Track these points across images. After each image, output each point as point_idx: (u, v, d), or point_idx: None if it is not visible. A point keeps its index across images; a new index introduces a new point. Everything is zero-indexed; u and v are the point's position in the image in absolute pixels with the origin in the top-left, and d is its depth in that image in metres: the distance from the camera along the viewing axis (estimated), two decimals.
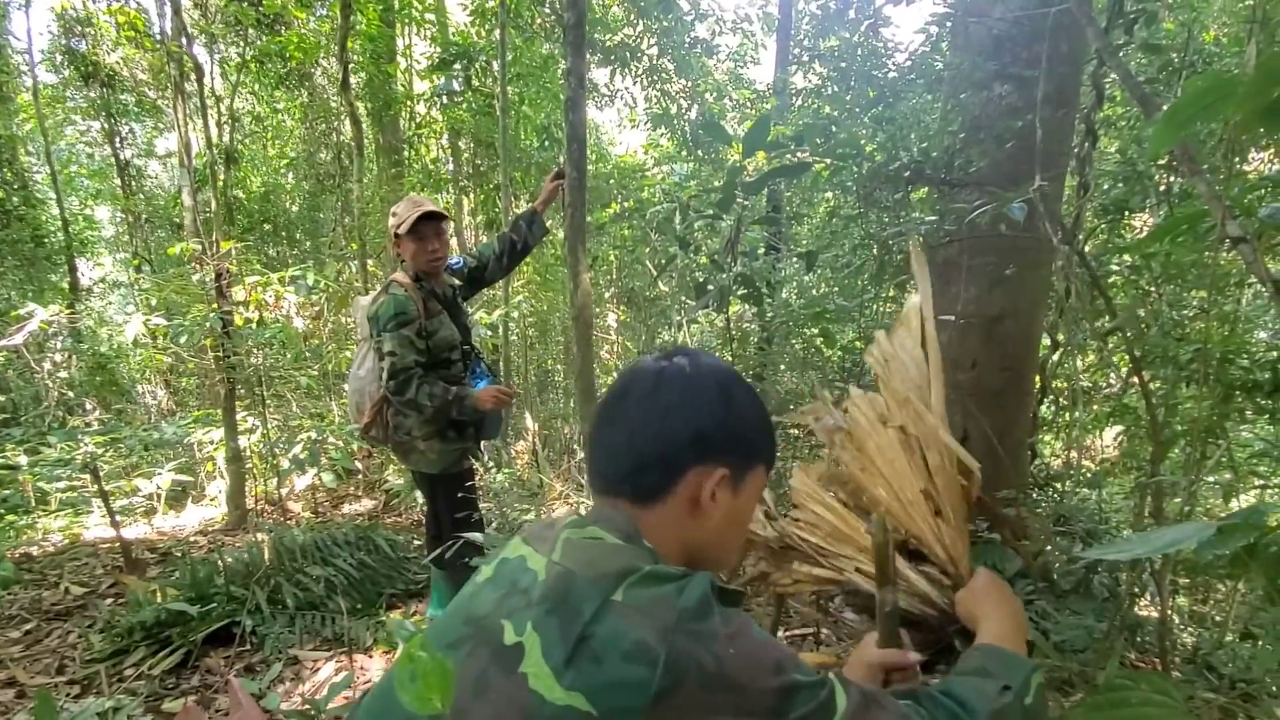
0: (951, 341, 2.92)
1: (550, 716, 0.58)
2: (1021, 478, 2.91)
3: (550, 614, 0.62)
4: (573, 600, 0.62)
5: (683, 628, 0.60)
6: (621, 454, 0.75)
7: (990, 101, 2.84)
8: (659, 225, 3.38)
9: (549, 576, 0.66)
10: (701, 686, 0.58)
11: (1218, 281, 2.81)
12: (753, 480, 0.79)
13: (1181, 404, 2.66)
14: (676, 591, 0.63)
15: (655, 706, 0.57)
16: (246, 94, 7.63)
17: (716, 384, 0.76)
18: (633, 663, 0.58)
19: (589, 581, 0.64)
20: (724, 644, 0.60)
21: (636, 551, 0.69)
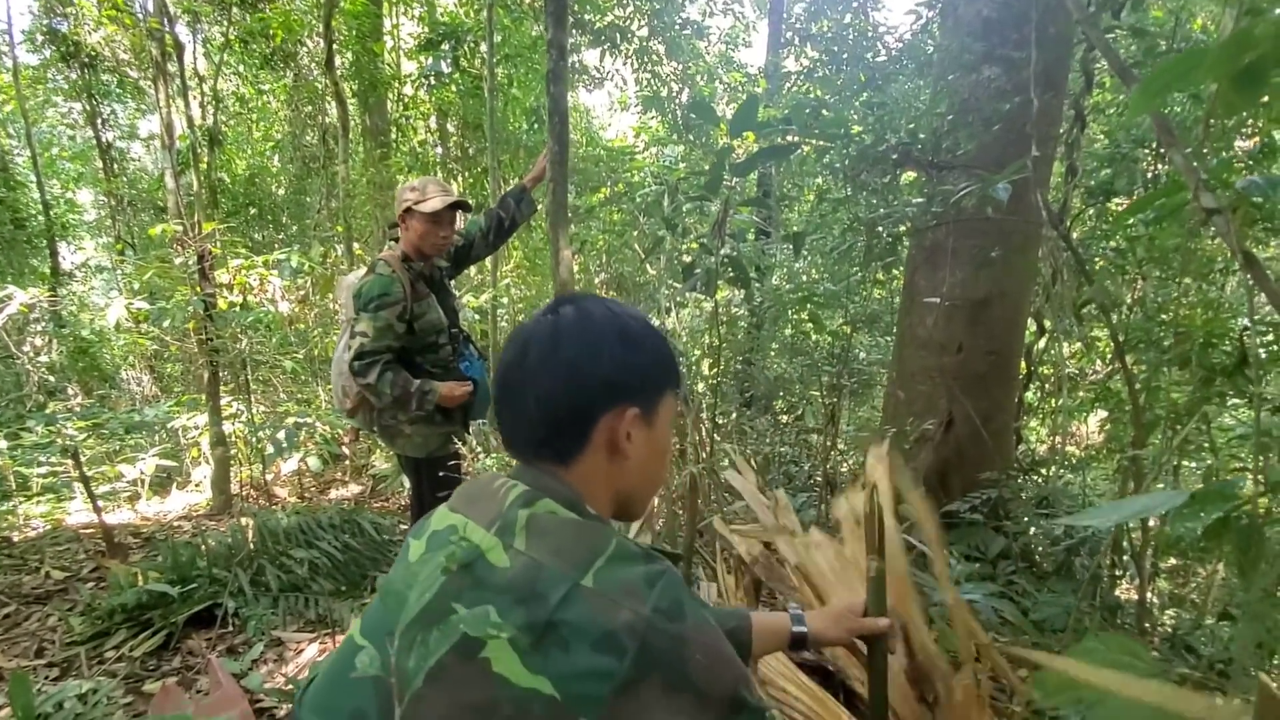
0: (937, 325, 2.92)
1: (514, 698, 0.58)
2: (1006, 461, 2.93)
3: (517, 603, 0.62)
4: (540, 589, 0.62)
5: (655, 625, 0.61)
6: (535, 419, 0.74)
7: (979, 84, 2.82)
8: (648, 208, 3.35)
9: (514, 565, 0.65)
10: (665, 685, 0.59)
11: (1202, 266, 2.83)
12: (664, 409, 0.80)
13: (1164, 388, 2.68)
14: (647, 583, 0.63)
15: (618, 697, 0.58)
16: (230, 74, 7.51)
17: (612, 327, 0.76)
18: (601, 653, 0.59)
19: (555, 570, 0.63)
20: (693, 649, 0.62)
21: (594, 527, 0.69)
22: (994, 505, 2.63)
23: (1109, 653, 0.75)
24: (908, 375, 3.08)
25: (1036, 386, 3.78)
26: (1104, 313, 1.76)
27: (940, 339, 2.92)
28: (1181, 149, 0.88)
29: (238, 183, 7.37)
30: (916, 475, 2.84)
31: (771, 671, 1.24)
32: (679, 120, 6.38)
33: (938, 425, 2.89)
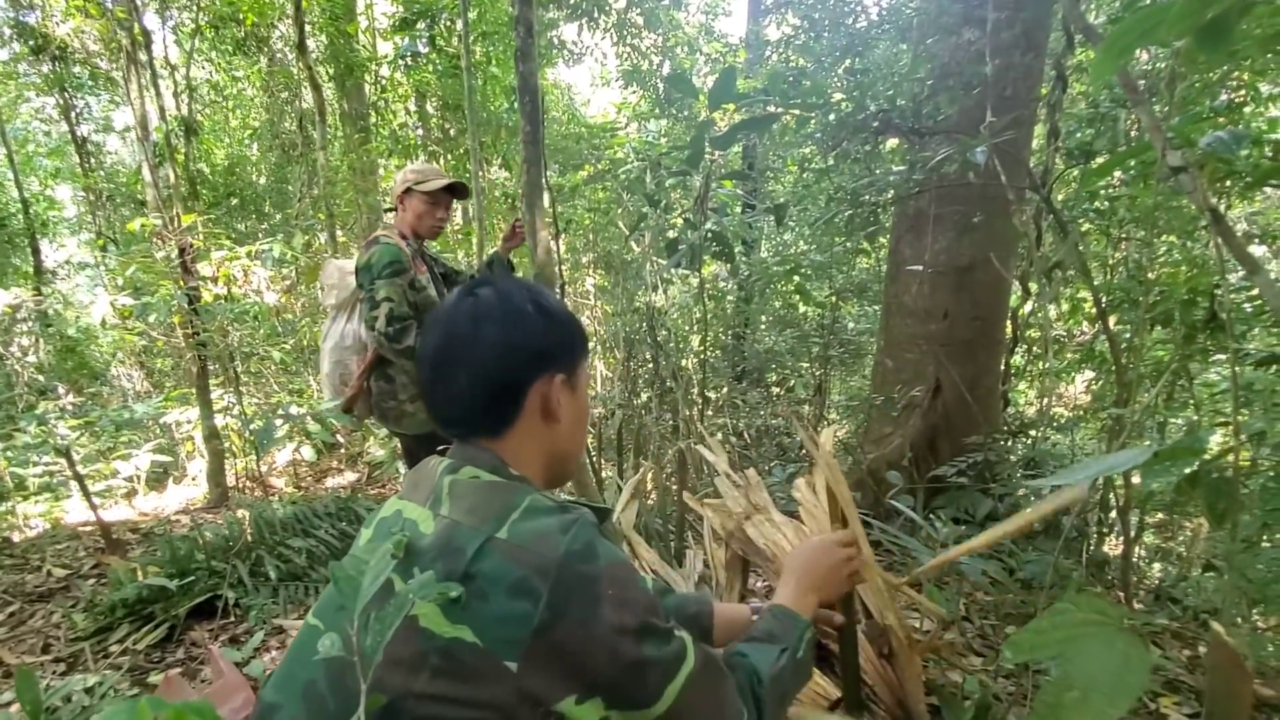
0: (923, 292, 2.93)
1: (441, 649, 0.62)
2: (993, 425, 2.96)
3: (436, 559, 0.66)
4: (456, 544, 0.66)
5: (568, 567, 0.65)
6: (468, 394, 0.77)
7: (959, 47, 2.80)
8: (630, 185, 3.33)
9: (436, 528, 0.69)
10: (581, 619, 0.64)
11: (1185, 224, 2.83)
12: (582, 374, 0.85)
13: (1147, 347, 2.71)
14: (560, 529, 0.67)
15: (537, 638, 0.62)
16: (203, 62, 7.35)
17: (529, 302, 0.80)
18: (517, 598, 0.62)
19: (470, 526, 0.68)
20: (605, 585, 0.66)
21: (511, 485, 0.73)
22: (981, 468, 2.67)
23: (1080, 611, 0.77)
24: (895, 343, 3.10)
25: (1023, 350, 3.80)
26: (1084, 274, 1.77)
27: (926, 306, 2.93)
28: (1149, 107, 0.88)
29: (217, 173, 7.26)
30: (905, 442, 2.87)
31: None
32: (660, 94, 6.29)
33: (926, 392, 2.92)
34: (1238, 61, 2.03)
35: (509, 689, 0.62)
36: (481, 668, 0.62)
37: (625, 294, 4.77)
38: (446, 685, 0.62)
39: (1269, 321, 2.15)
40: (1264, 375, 2.26)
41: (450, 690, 0.62)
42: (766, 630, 0.89)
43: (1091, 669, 0.73)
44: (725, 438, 3.98)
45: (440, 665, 0.62)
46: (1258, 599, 1.59)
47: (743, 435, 4.12)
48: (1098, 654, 0.73)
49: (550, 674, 0.63)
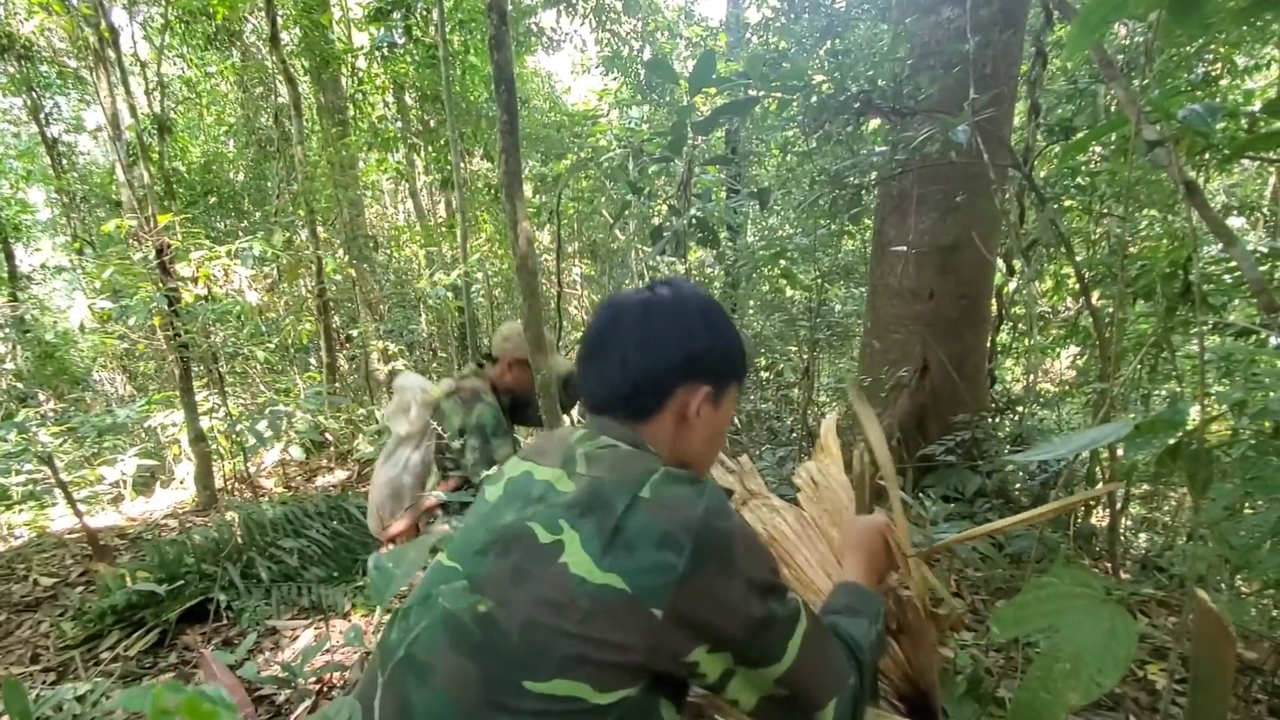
0: (908, 273, 2.94)
1: (590, 594, 0.67)
2: (980, 403, 2.98)
3: (585, 515, 0.71)
4: (604, 500, 0.72)
5: (707, 524, 0.70)
6: (617, 378, 0.83)
7: (939, 26, 2.78)
8: (612, 172, 3.31)
9: (579, 486, 0.75)
10: (719, 571, 0.69)
11: (1165, 197, 2.85)
12: (730, 396, 0.89)
13: (1130, 321, 2.73)
14: (697, 493, 0.72)
15: (680, 587, 0.67)
16: (174, 58, 7.20)
17: (700, 310, 0.85)
18: (663, 549, 0.68)
19: (616, 484, 0.73)
20: (738, 541, 0.72)
21: (648, 455, 0.80)
22: (969, 446, 2.69)
23: (1064, 583, 0.78)
24: (882, 324, 3.11)
25: (1009, 327, 3.83)
26: (1066, 249, 1.77)
27: (911, 286, 2.94)
28: (1124, 81, 0.88)
29: (193, 171, 7.13)
30: (894, 422, 2.89)
31: None
32: (641, 80, 6.23)
33: (913, 372, 2.93)
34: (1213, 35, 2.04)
35: (653, 634, 0.66)
36: (629, 613, 0.66)
37: (612, 282, 4.75)
38: (595, 627, 0.66)
39: (1248, 293, 2.17)
40: (1243, 345, 2.29)
41: (598, 632, 0.66)
42: (845, 604, 0.92)
43: (1079, 641, 0.73)
44: None
45: (590, 609, 0.66)
46: (1240, 565, 1.61)
47: (733, 420, 4.13)
48: (1084, 626, 0.74)
49: (689, 622, 0.67)
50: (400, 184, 7.77)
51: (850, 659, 0.82)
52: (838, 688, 0.78)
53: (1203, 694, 0.62)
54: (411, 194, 7.31)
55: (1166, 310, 2.22)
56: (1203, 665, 0.62)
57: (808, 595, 1.35)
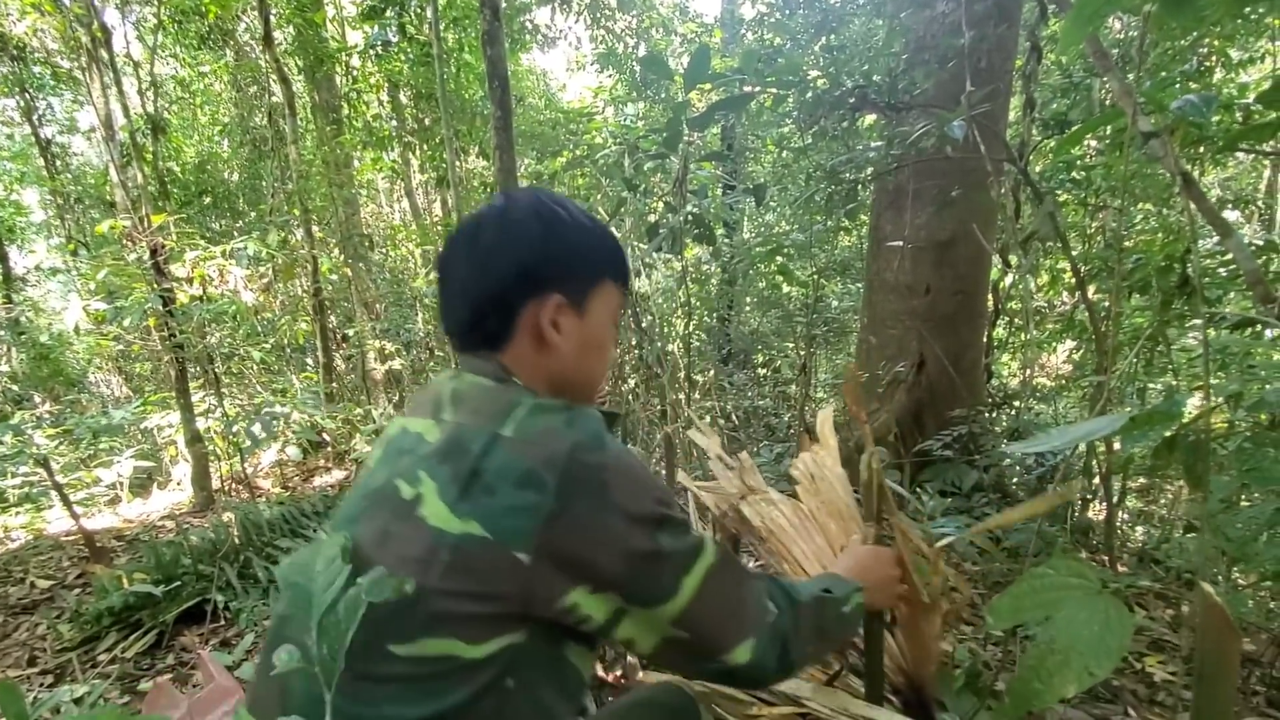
0: (904, 268, 2.94)
1: (451, 546, 0.61)
2: (977, 398, 2.99)
3: (441, 461, 0.65)
4: (462, 444, 0.66)
5: (575, 457, 0.64)
6: (459, 307, 0.76)
7: (934, 20, 2.78)
8: (608, 169, 3.30)
9: (440, 433, 0.69)
10: (591, 507, 0.63)
11: (1161, 191, 2.85)
12: (599, 299, 0.79)
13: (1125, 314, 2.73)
14: (566, 423, 0.66)
15: (547, 529, 0.61)
16: (167, 57, 7.17)
17: (532, 214, 0.75)
18: (525, 489, 0.62)
19: (476, 426, 0.67)
20: (613, 474, 0.65)
21: (514, 389, 0.72)
22: (966, 440, 2.69)
23: (1059, 575, 0.78)
24: (878, 320, 3.11)
25: (1005, 322, 3.83)
26: (1063, 243, 1.78)
27: (908, 282, 2.94)
28: (1119, 73, 0.87)
29: (188, 171, 7.10)
30: (891, 418, 2.89)
31: None
32: (636, 77, 6.22)
33: (910, 367, 2.94)
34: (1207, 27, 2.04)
35: (522, 580, 0.62)
36: (493, 561, 0.61)
37: None
38: (459, 580, 0.61)
39: (1243, 286, 2.17)
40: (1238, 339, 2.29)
41: (463, 585, 0.61)
42: (817, 582, 0.88)
43: (1073, 631, 0.73)
44: (713, 420, 3.99)
45: (451, 561, 0.61)
46: (1237, 557, 1.62)
47: (730, 417, 4.14)
48: (1079, 617, 0.74)
49: (562, 563, 0.62)
50: (395, 183, 7.75)
51: (782, 599, 0.76)
52: (752, 629, 0.72)
53: (1208, 687, 0.62)
54: (407, 193, 7.29)
55: (1162, 304, 2.23)
56: (1208, 659, 0.62)
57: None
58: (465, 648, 0.61)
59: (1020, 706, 0.73)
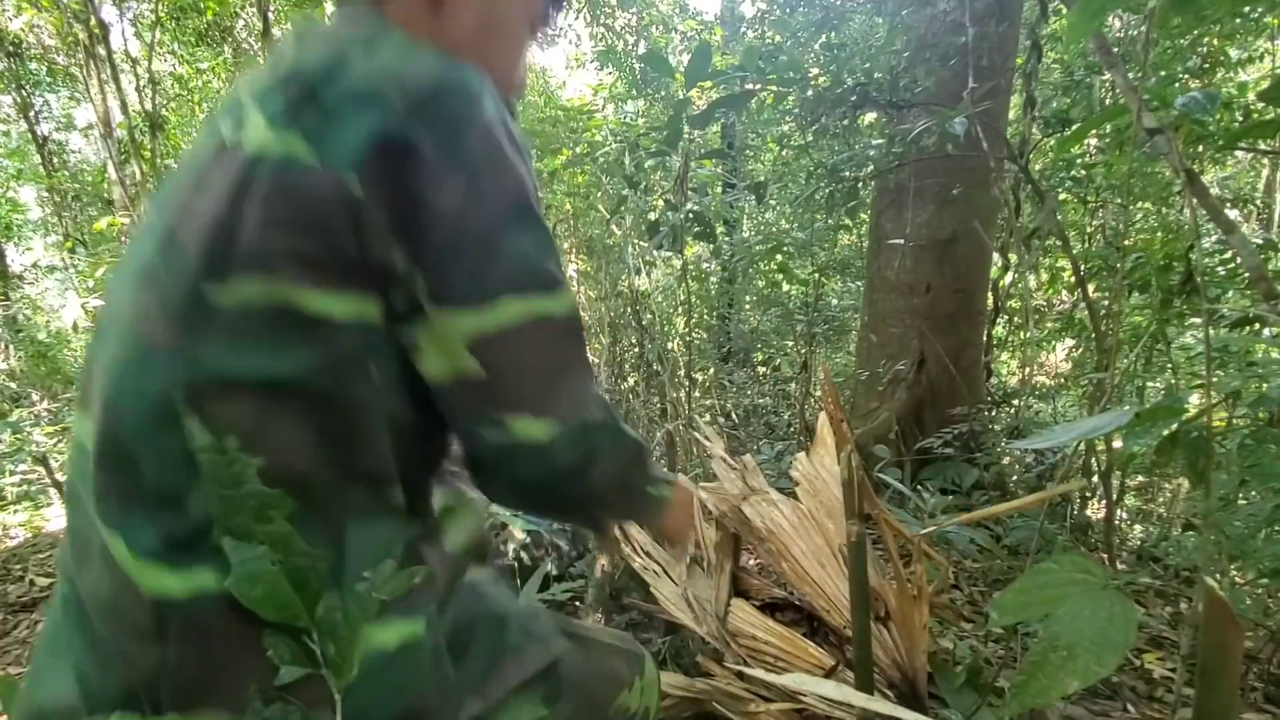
0: (905, 266, 2.94)
1: (272, 169, 0.50)
2: (977, 396, 2.99)
3: (272, 91, 0.53)
4: (301, 71, 0.53)
5: (438, 91, 0.52)
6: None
7: (935, 18, 2.78)
8: (608, 167, 3.30)
9: (276, 75, 0.55)
10: (436, 150, 0.51)
11: (1160, 190, 2.86)
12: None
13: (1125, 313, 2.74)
14: (442, 65, 0.54)
15: (380, 155, 0.50)
16: (165, 54, 7.16)
17: None
18: (367, 109, 0.51)
19: (324, 54, 0.54)
20: (477, 129, 0.53)
21: (385, 27, 0.59)
22: (966, 439, 2.70)
23: (1064, 570, 0.78)
24: (879, 318, 3.11)
25: (1005, 320, 3.84)
26: (1063, 241, 1.78)
27: (909, 280, 2.95)
28: (1123, 69, 0.88)
29: None
30: (891, 416, 2.89)
31: (739, 622, 1.28)
32: (636, 74, 6.22)
33: (910, 366, 2.94)
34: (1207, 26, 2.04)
35: (351, 218, 0.50)
36: (319, 189, 0.50)
37: (608, 278, 4.75)
38: (284, 209, 0.50)
39: (1242, 285, 2.18)
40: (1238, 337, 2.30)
41: (290, 213, 0.50)
42: None
43: (1077, 627, 0.74)
44: (713, 418, 4.00)
45: (274, 186, 0.50)
46: (1236, 555, 1.62)
47: (730, 415, 4.14)
48: (1083, 612, 0.74)
49: (385, 205, 0.50)
50: None
51: (610, 415, 0.63)
52: (563, 409, 0.57)
53: (1211, 682, 0.62)
54: None
55: (1162, 303, 2.23)
56: (1211, 654, 0.62)
57: (803, 588, 1.35)
58: (305, 294, 0.50)
59: (1024, 702, 0.73)
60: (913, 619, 1.06)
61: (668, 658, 1.54)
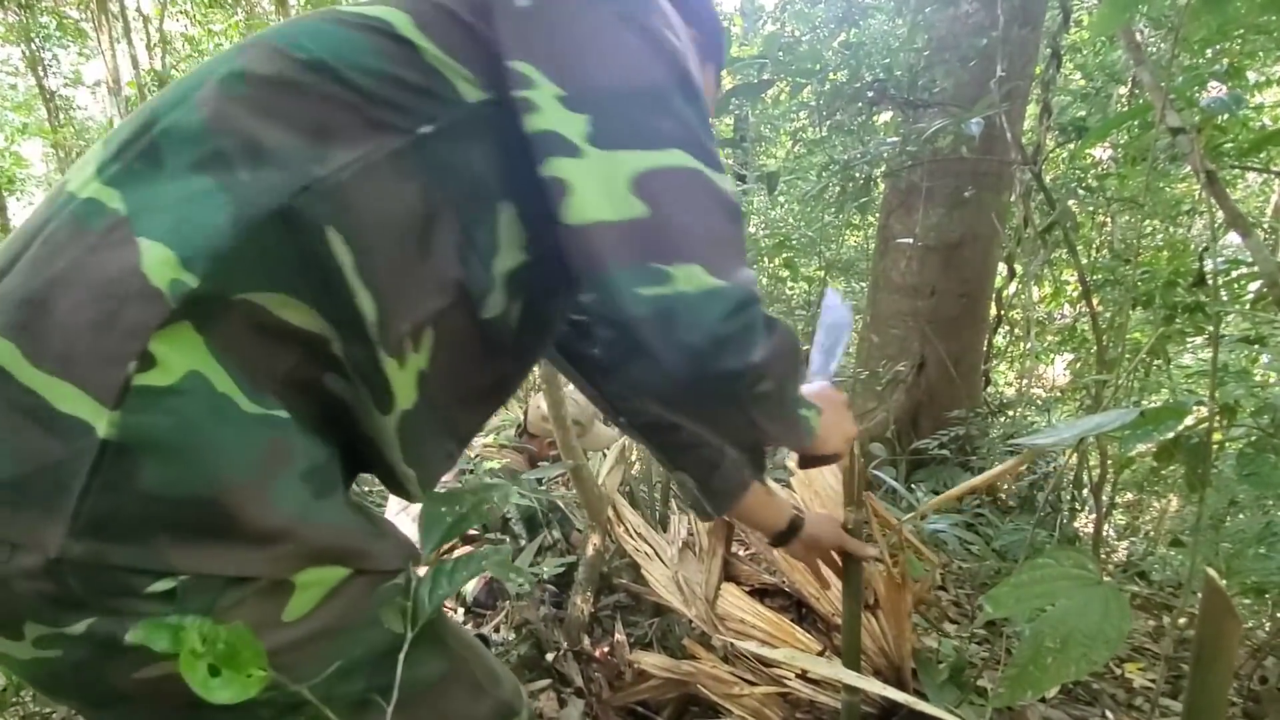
0: (910, 268, 2.94)
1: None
2: (974, 401, 3.00)
3: None
4: None
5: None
6: None
7: (957, 20, 2.77)
8: None
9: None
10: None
11: (1169, 209, 2.86)
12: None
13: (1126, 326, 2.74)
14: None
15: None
16: (178, 14, 7.09)
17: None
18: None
19: None
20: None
21: None
22: (962, 443, 2.70)
23: (1059, 565, 0.78)
24: (882, 319, 3.11)
25: (1005, 330, 3.85)
26: (1071, 249, 1.78)
27: (914, 282, 2.95)
28: (1150, 65, 0.87)
29: None
30: (889, 416, 2.90)
31: (729, 606, 1.29)
32: None
33: (910, 367, 2.94)
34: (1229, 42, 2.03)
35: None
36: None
37: None
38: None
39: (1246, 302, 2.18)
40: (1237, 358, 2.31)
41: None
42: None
43: (1073, 620, 0.74)
44: None
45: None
46: (1225, 570, 1.63)
47: None
48: (1078, 605, 0.74)
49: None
50: None
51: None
52: (737, 276, 0.50)
53: (1205, 673, 0.62)
54: None
55: (1165, 319, 2.24)
56: (1206, 644, 0.62)
57: (794, 575, 1.36)
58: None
59: (1016, 693, 0.73)
60: (901, 607, 1.07)
61: (654, 640, 1.54)
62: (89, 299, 0.43)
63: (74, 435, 0.41)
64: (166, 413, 0.43)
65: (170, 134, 0.47)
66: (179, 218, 0.45)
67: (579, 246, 0.49)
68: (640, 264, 0.47)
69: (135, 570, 0.43)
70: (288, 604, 0.48)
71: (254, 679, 0.40)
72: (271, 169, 0.46)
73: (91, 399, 0.41)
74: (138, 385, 0.42)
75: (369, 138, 0.49)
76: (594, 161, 0.48)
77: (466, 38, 0.52)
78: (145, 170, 0.47)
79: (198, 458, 0.44)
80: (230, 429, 0.45)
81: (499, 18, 0.51)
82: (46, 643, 0.44)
